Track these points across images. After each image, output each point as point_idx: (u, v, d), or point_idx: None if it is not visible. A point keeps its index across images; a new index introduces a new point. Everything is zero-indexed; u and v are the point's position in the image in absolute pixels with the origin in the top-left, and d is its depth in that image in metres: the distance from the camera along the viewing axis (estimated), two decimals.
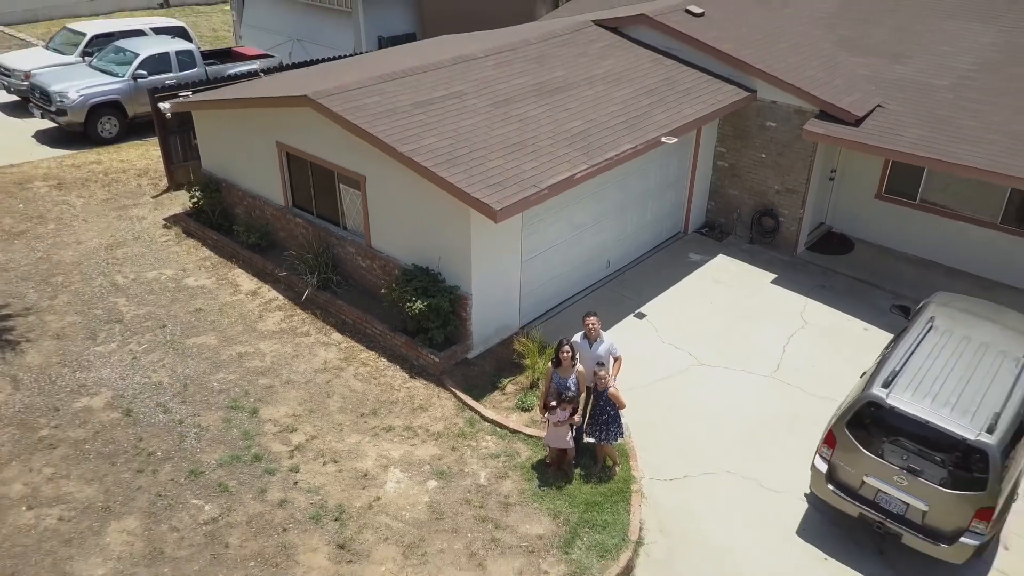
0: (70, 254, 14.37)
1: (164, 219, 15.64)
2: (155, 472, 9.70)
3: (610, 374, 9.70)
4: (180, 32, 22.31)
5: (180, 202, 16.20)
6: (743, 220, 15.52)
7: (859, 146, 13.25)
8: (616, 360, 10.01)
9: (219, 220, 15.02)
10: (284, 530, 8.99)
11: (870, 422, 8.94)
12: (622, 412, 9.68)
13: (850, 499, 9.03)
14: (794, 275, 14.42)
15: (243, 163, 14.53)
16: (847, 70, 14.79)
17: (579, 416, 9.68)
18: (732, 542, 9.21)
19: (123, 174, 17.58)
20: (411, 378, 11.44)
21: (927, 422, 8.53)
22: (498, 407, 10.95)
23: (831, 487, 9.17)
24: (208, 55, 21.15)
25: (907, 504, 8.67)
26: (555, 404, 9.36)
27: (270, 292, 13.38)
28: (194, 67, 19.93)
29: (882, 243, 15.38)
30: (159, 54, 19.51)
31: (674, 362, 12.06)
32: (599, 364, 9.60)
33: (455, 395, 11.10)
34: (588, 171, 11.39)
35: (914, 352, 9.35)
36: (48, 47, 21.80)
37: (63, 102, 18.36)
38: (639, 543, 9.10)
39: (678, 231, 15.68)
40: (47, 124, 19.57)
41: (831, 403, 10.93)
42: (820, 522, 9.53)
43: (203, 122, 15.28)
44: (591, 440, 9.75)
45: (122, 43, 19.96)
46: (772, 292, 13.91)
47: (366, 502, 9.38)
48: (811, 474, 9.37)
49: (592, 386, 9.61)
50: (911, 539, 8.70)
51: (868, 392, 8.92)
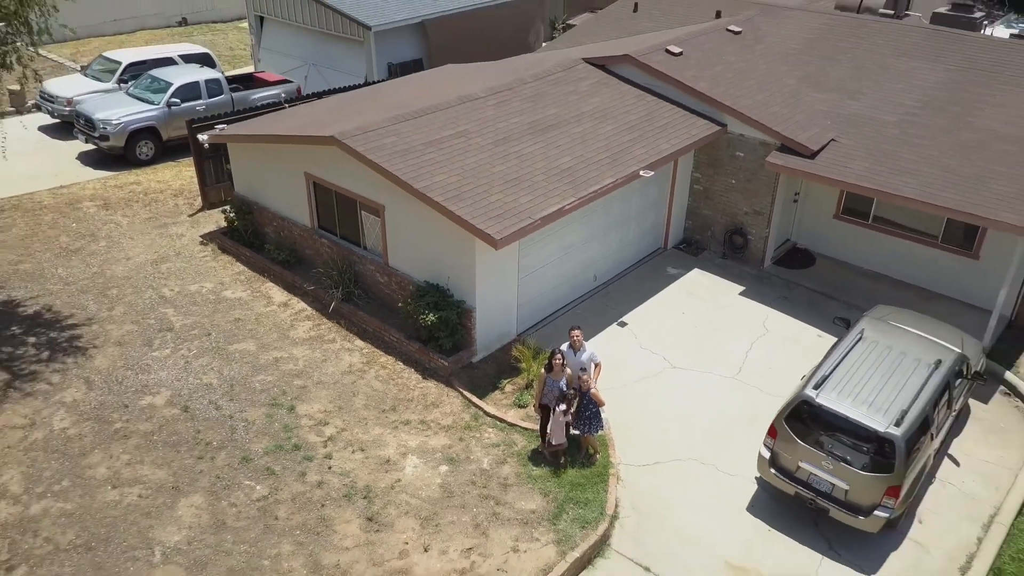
0: (121, 269, 16.29)
1: (201, 236, 17.54)
2: (212, 459, 11.63)
3: (592, 377, 11.62)
4: (205, 59, 24.22)
5: (214, 220, 18.11)
6: (716, 237, 17.42)
7: (813, 176, 15.12)
8: (596, 366, 11.91)
9: (251, 238, 16.91)
10: (322, 506, 10.93)
11: (805, 417, 10.89)
12: (602, 408, 11.61)
13: (788, 480, 10.97)
14: (760, 287, 16.31)
15: (273, 188, 16.44)
16: (807, 106, 16.66)
17: (571, 415, 11.62)
18: (693, 516, 11.16)
19: (161, 194, 19.50)
20: (424, 379, 13.35)
21: (848, 417, 10.50)
22: (498, 404, 12.86)
23: (773, 471, 11.10)
24: (232, 80, 23.05)
25: (833, 484, 10.60)
26: (564, 407, 11.20)
27: (299, 304, 15.29)
28: (221, 94, 21.87)
29: (840, 258, 17.23)
30: (190, 83, 21.47)
31: (650, 365, 13.95)
32: (582, 369, 11.53)
33: (462, 394, 13.02)
34: (575, 203, 13.32)
35: (843, 359, 11.32)
36: (87, 74, 23.72)
37: (106, 128, 20.30)
38: (615, 517, 11.02)
39: (658, 247, 17.58)
40: (89, 147, 21.48)
41: (784, 401, 12.82)
42: (766, 500, 11.46)
43: (237, 151, 17.19)
44: (576, 432, 11.68)
45: (156, 72, 21.92)
46: (740, 303, 15.80)
47: (389, 483, 11.31)
48: (758, 460, 11.31)
49: (576, 387, 11.53)
50: (836, 513, 10.64)
51: (802, 393, 10.89)
